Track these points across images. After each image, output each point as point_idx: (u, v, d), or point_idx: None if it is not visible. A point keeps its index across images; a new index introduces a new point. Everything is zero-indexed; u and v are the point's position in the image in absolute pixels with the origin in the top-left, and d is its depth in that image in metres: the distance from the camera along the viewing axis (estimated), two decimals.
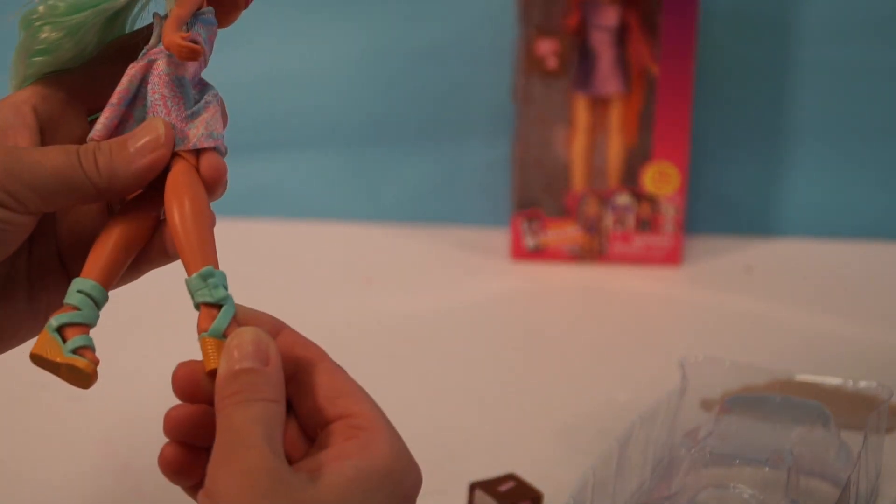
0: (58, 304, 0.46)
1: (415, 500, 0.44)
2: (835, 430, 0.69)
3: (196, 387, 0.45)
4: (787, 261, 1.13)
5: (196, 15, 0.49)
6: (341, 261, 1.10)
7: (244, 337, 0.44)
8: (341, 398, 0.45)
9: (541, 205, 1.09)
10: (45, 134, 0.48)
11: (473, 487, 0.69)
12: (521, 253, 1.10)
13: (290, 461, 0.43)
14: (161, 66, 0.49)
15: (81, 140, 0.48)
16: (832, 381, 0.75)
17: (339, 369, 0.47)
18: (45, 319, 0.46)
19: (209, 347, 0.45)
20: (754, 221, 1.18)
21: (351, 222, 1.15)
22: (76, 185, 0.44)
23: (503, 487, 0.69)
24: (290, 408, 0.46)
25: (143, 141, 0.45)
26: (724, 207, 1.18)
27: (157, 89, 0.48)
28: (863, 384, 0.73)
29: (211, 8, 0.50)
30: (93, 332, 0.47)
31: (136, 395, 0.78)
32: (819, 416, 0.69)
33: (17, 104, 0.48)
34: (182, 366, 0.46)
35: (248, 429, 0.41)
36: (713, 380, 0.75)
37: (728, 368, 0.75)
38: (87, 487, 0.74)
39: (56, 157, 0.44)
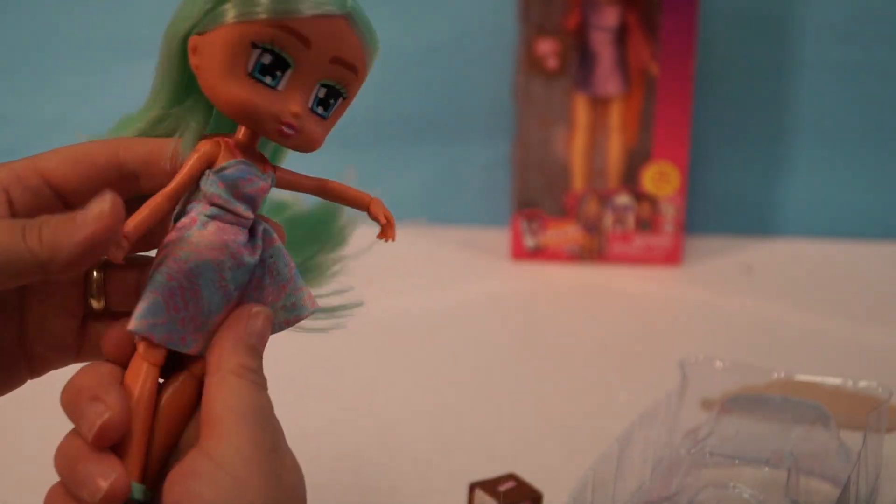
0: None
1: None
2: (835, 430, 0.69)
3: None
4: (787, 261, 1.13)
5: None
6: None
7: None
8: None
9: (541, 205, 1.09)
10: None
11: (473, 487, 0.69)
12: (521, 253, 1.10)
13: None
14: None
15: None
16: (832, 381, 0.74)
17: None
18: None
19: None
20: (754, 221, 1.18)
21: None
22: (17, 259, 0.41)
23: (503, 487, 0.69)
24: None
25: (90, 211, 0.41)
26: (724, 207, 1.18)
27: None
28: (863, 384, 0.73)
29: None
30: None
31: None
32: (819, 416, 0.69)
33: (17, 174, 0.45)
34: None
35: (257, 411, 0.43)
36: (713, 380, 0.75)
37: (728, 368, 0.75)
38: None
39: None
